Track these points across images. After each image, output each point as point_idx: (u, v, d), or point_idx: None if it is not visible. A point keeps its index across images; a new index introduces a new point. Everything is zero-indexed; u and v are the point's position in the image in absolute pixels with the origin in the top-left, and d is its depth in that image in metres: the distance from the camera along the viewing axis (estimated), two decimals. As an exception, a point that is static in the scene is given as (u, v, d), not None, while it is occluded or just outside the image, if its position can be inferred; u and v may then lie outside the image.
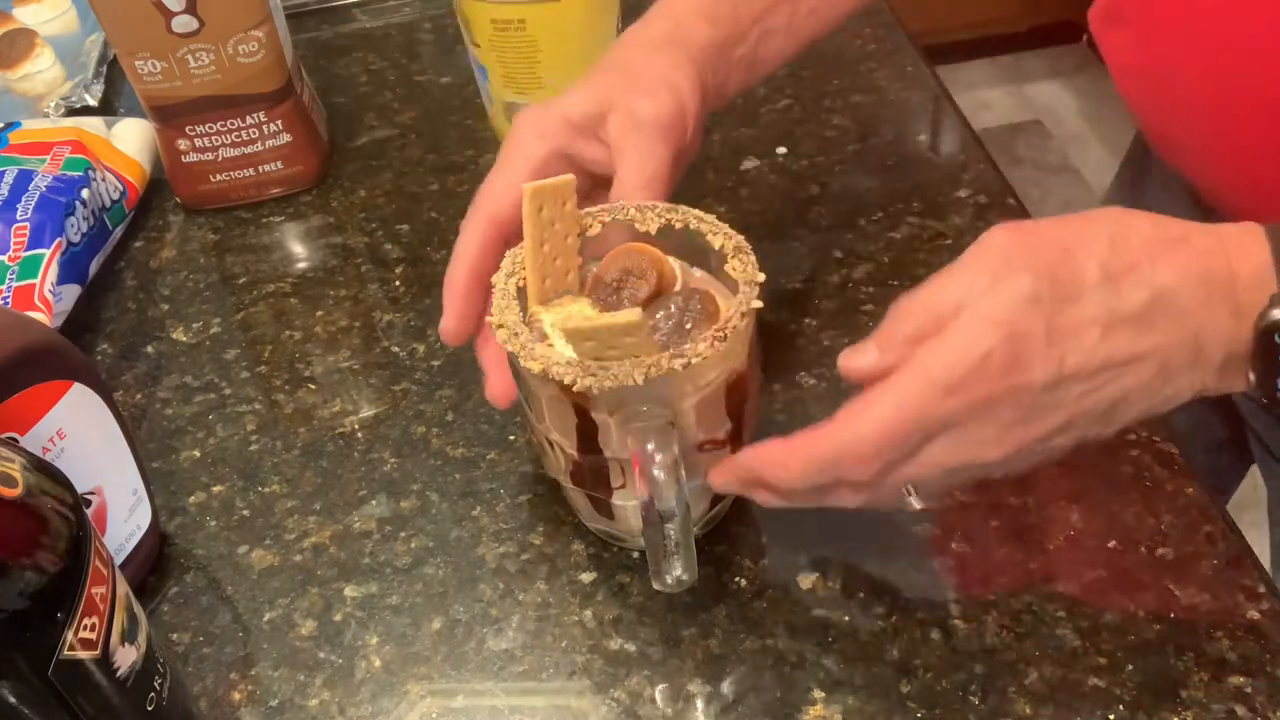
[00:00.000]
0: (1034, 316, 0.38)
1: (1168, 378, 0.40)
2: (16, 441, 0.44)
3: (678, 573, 0.44)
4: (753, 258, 0.45)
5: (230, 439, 0.59)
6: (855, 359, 0.41)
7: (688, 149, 0.51)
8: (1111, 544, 0.49)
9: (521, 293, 0.47)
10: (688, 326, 0.44)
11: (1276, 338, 0.38)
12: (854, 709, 0.45)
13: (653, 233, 0.47)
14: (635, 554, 0.51)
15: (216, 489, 0.57)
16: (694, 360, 0.41)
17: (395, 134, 0.80)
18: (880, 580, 0.49)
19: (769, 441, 0.42)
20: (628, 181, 0.49)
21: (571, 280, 0.48)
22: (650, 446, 0.42)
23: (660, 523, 0.42)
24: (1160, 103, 0.62)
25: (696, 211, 0.47)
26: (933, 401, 0.39)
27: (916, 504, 0.43)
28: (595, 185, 0.51)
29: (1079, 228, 0.40)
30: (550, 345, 0.45)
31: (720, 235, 0.46)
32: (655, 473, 0.41)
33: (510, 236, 0.48)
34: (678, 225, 0.47)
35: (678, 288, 0.47)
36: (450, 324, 0.49)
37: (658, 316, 0.45)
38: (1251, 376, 0.40)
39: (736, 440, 0.47)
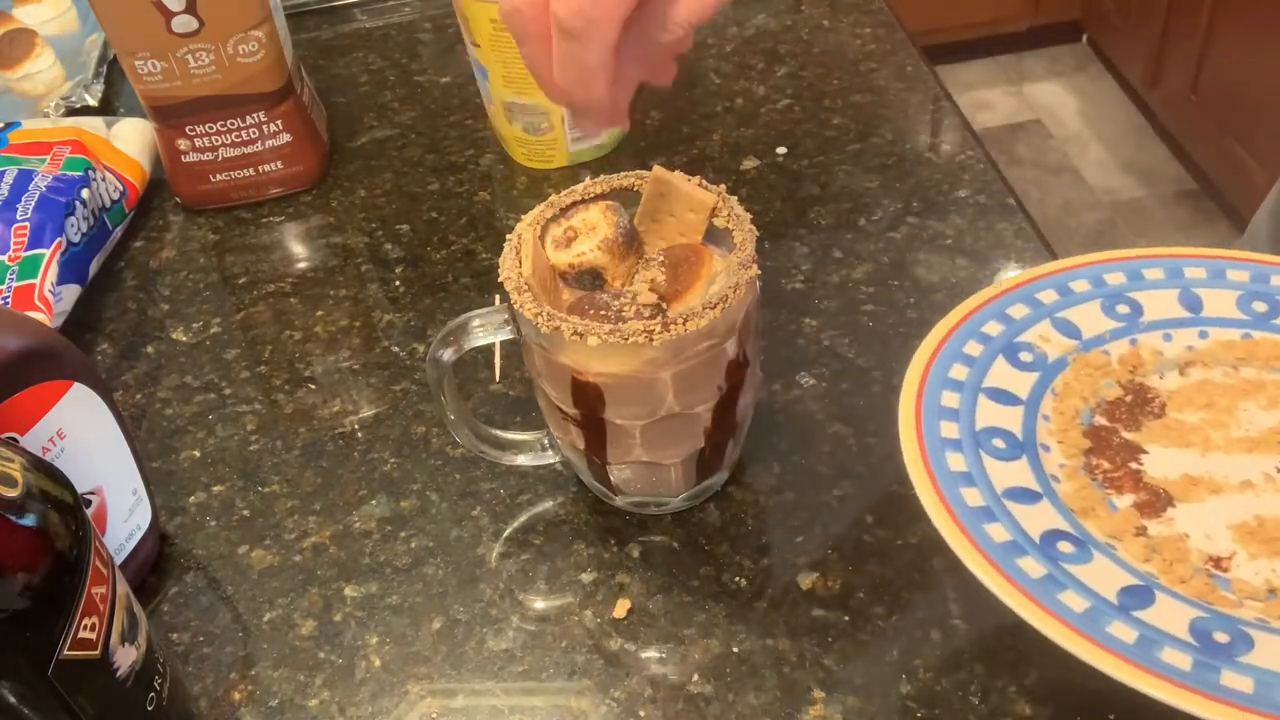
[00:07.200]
0: None
1: None
2: (16, 441, 0.44)
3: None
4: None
5: (230, 439, 0.59)
6: None
7: None
8: (1111, 544, 0.49)
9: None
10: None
11: None
12: (854, 709, 0.45)
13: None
14: (635, 553, 0.51)
15: (216, 489, 0.57)
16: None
17: (395, 134, 0.80)
18: (880, 580, 0.49)
19: None
20: None
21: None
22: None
23: None
24: None
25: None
26: None
27: None
28: None
29: None
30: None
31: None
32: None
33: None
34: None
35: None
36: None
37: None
38: None
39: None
